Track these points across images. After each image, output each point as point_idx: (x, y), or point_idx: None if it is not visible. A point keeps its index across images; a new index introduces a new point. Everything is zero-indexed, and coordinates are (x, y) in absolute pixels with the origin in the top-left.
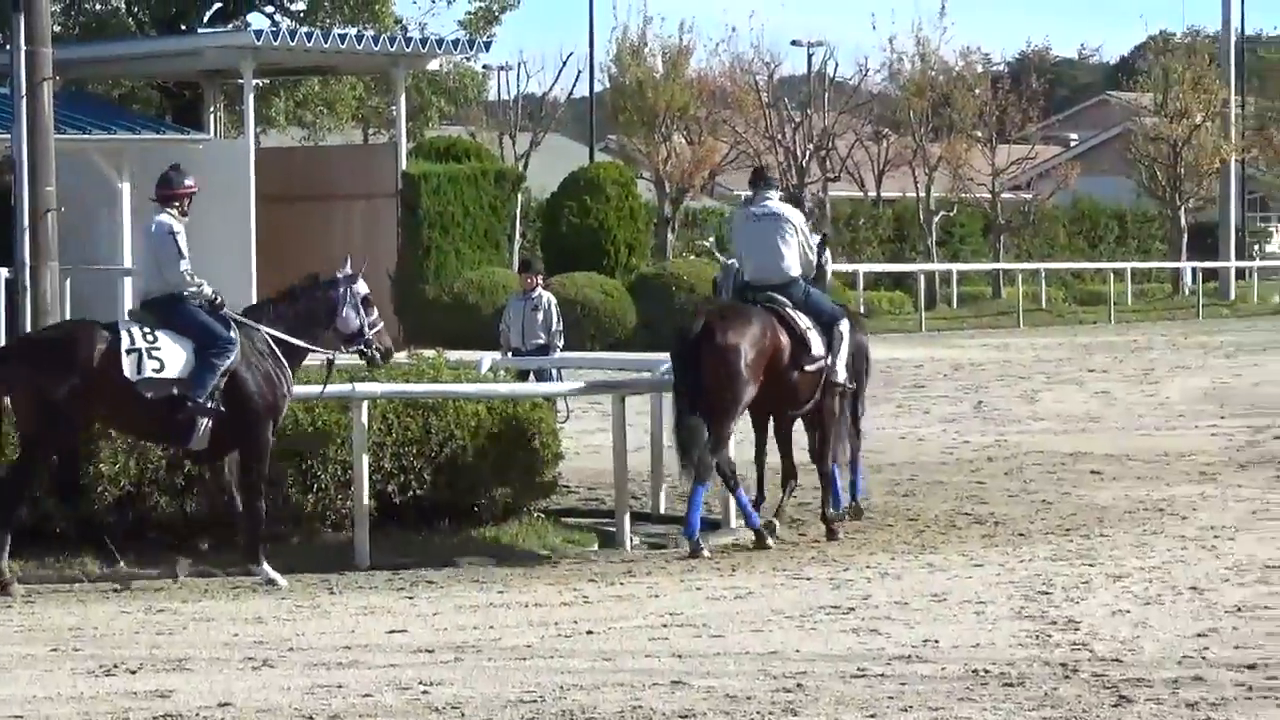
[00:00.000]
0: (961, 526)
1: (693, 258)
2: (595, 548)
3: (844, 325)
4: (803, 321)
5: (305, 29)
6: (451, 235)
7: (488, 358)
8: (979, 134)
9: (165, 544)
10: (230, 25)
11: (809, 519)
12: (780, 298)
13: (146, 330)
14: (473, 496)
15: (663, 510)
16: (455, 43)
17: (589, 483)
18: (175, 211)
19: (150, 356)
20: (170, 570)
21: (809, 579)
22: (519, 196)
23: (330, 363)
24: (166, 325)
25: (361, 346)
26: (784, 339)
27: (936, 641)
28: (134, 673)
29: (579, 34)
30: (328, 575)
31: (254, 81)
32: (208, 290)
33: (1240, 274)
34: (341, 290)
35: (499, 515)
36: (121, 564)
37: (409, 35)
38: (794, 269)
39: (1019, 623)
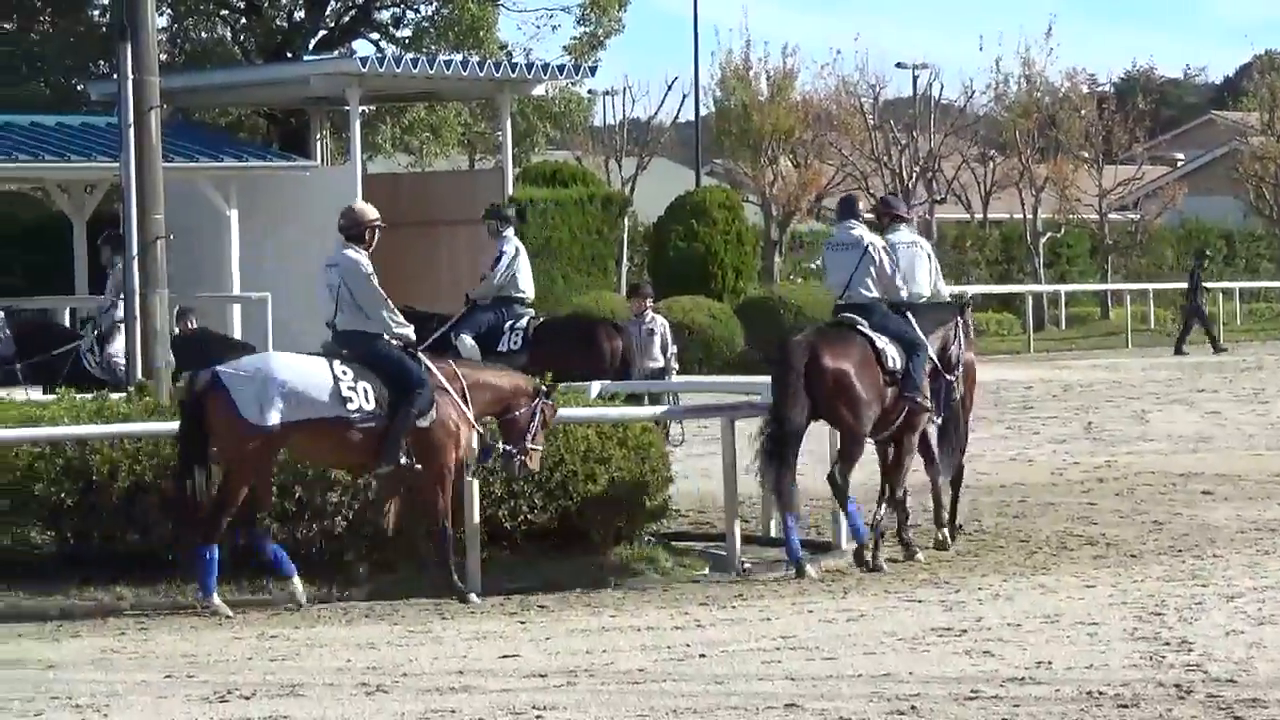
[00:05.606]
0: (1073, 548)
1: (800, 281)
2: (706, 571)
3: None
4: (879, 339)
5: (410, 55)
6: (559, 260)
7: (596, 382)
8: (1085, 155)
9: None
10: (336, 52)
11: (920, 540)
12: (859, 319)
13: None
14: (583, 521)
15: (773, 533)
16: (561, 68)
17: (699, 506)
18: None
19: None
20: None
21: (921, 601)
22: (625, 221)
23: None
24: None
25: None
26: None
27: (1050, 663)
28: (248, 699)
29: (684, 58)
30: (440, 601)
31: (360, 108)
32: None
33: None
34: None
35: (610, 539)
36: None
37: (514, 61)
38: (872, 292)
39: (1132, 644)
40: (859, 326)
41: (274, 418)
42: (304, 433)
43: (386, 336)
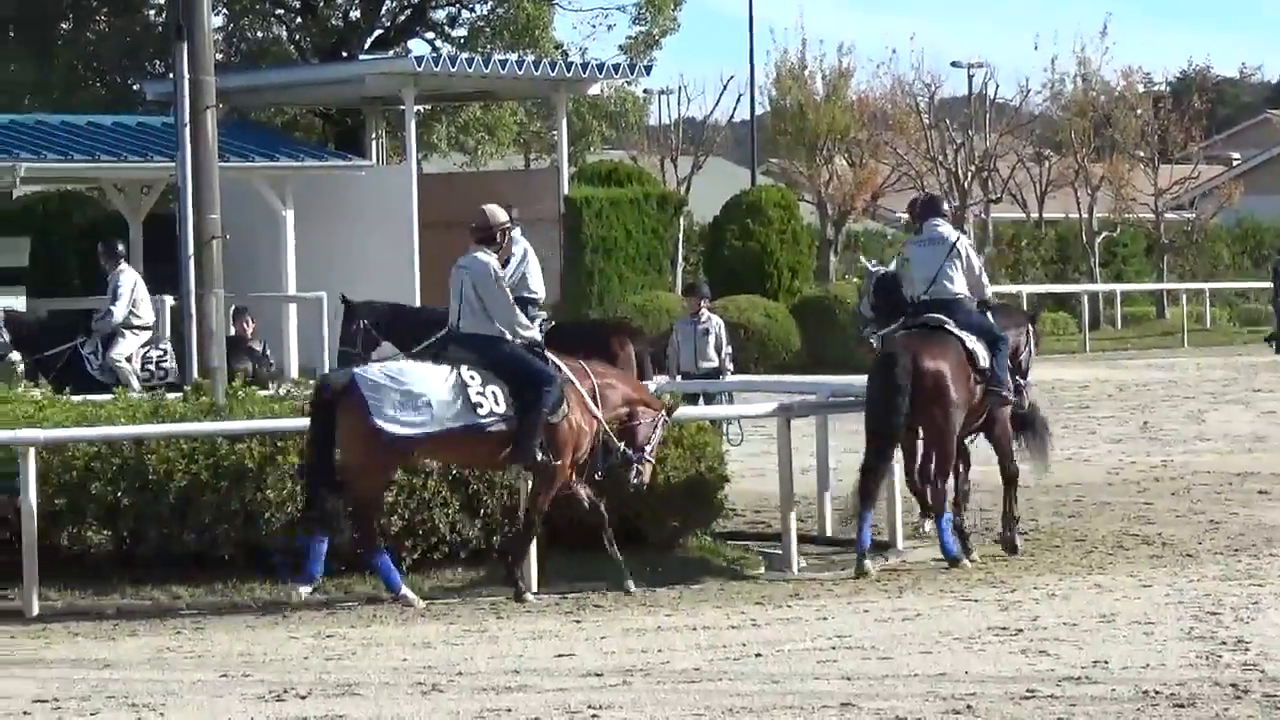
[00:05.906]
0: (1129, 547)
1: (856, 280)
2: (762, 570)
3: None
4: (969, 339)
5: (466, 55)
6: (614, 259)
7: (652, 381)
8: (1141, 154)
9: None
10: (391, 52)
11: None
12: (944, 318)
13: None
14: (639, 520)
15: (829, 533)
16: (616, 67)
17: (755, 505)
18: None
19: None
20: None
21: (977, 600)
22: (681, 220)
23: None
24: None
25: None
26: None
27: (1106, 662)
28: (304, 698)
29: (739, 57)
30: (495, 599)
31: (415, 108)
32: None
33: None
34: None
35: (666, 539)
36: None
37: (569, 60)
38: (959, 289)
39: (1189, 643)
40: (947, 326)
41: (406, 429)
42: (434, 443)
43: (510, 337)
